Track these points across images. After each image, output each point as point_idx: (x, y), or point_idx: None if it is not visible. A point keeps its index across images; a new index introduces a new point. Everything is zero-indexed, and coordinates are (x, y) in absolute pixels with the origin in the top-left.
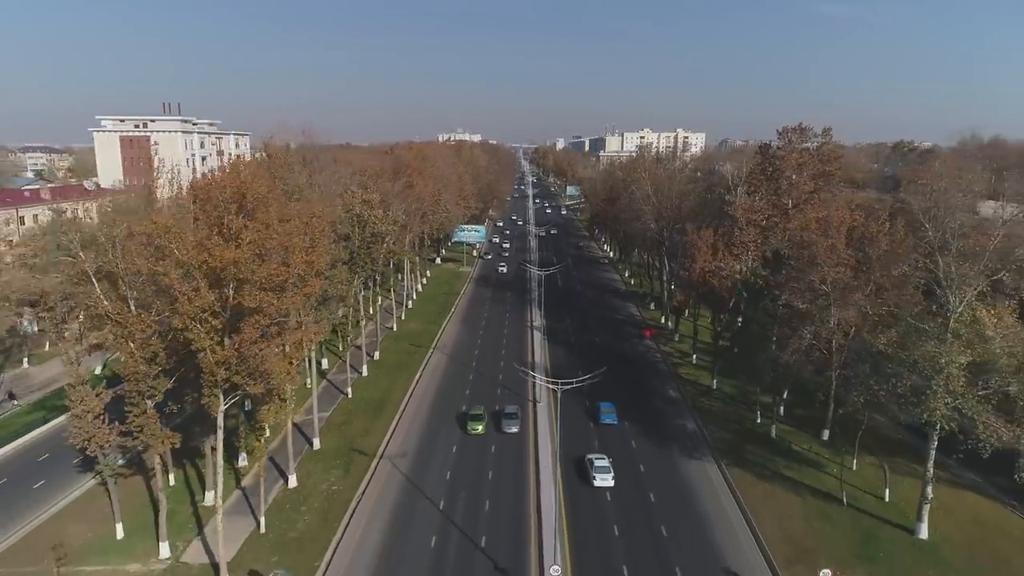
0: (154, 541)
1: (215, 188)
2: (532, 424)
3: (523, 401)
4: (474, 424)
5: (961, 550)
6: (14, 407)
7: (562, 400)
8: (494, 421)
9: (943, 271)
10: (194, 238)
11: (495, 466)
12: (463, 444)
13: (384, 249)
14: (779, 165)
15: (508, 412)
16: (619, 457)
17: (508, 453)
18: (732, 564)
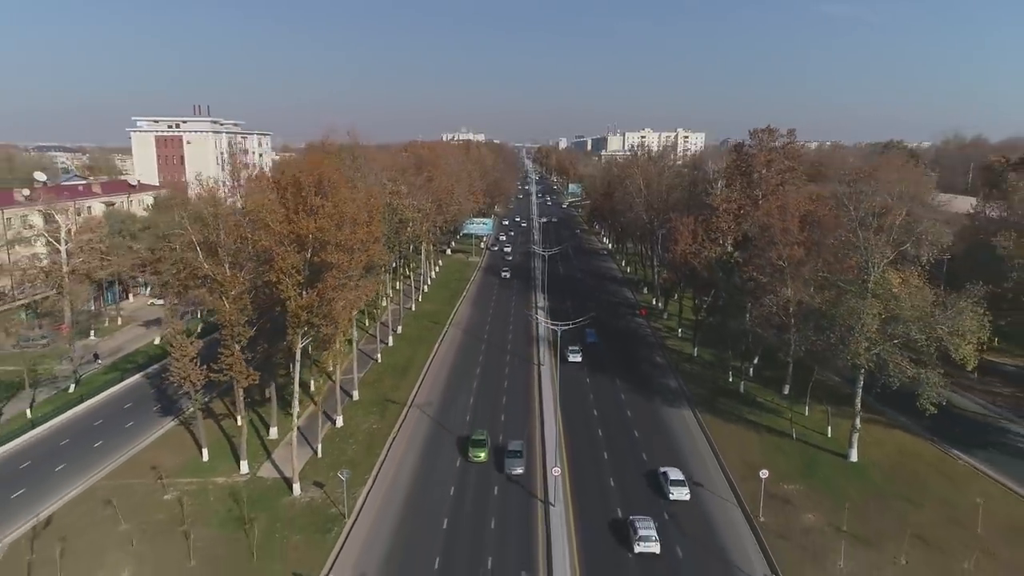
0: (233, 463)
1: (302, 176)
2: (537, 381)
3: (529, 365)
4: (476, 451)
5: (883, 470)
6: (98, 365)
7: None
8: (496, 458)
9: (863, 243)
10: (283, 213)
11: (507, 410)
12: (479, 395)
13: (410, 232)
14: (751, 161)
15: (512, 450)
16: (608, 406)
17: (517, 403)
18: (699, 479)
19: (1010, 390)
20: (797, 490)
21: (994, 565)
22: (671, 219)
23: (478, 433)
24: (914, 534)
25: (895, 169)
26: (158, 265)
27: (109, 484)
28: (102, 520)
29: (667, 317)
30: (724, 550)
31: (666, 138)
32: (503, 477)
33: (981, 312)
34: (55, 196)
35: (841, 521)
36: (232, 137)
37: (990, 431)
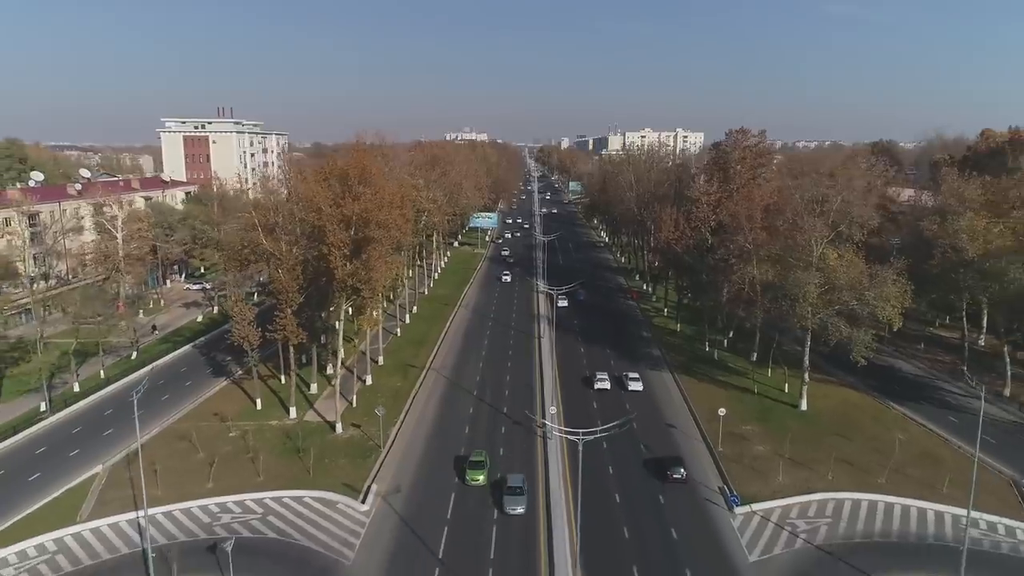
0: (283, 410)
1: (349, 168)
2: (537, 349)
3: (531, 337)
4: (474, 474)
5: (826, 416)
6: (156, 335)
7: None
8: (495, 495)
9: (806, 225)
10: (332, 198)
11: (512, 372)
12: (488, 360)
13: (425, 221)
14: (727, 158)
15: (512, 486)
16: (599, 369)
17: (520, 366)
18: (672, 422)
19: (950, 358)
20: (752, 430)
21: (901, 479)
22: (657, 209)
23: (476, 454)
24: (842, 459)
25: (857, 166)
26: (203, 251)
27: (181, 426)
28: (182, 451)
29: (655, 300)
30: (690, 465)
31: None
32: (509, 421)
33: (902, 282)
34: (103, 191)
35: (785, 451)
36: (254, 137)
37: (925, 389)
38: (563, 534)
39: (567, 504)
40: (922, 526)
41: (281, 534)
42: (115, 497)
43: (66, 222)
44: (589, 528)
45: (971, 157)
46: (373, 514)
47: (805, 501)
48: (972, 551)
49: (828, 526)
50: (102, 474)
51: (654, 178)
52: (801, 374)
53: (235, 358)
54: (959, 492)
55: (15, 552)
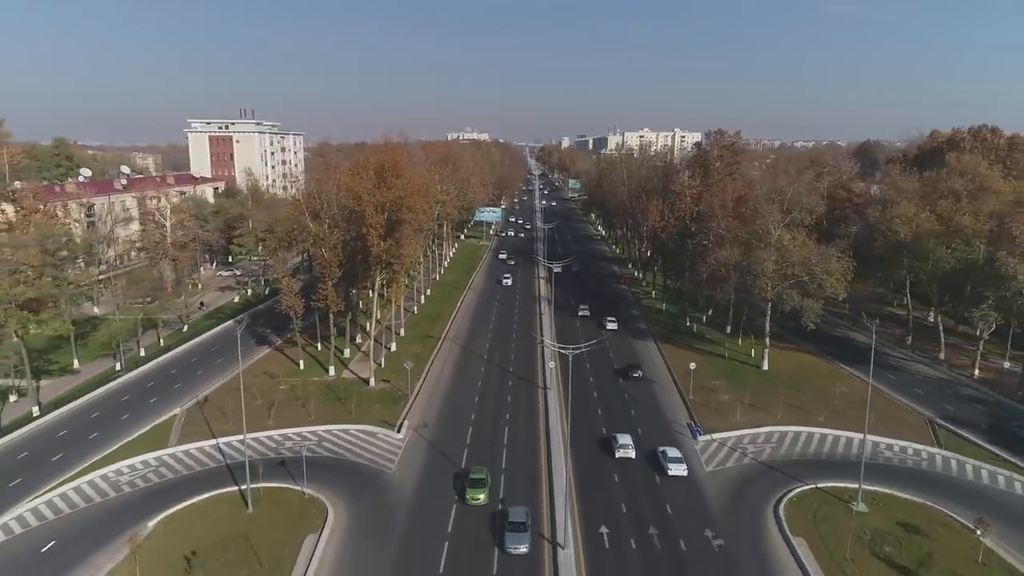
0: (322, 370)
1: (384, 162)
2: (539, 324)
3: (533, 315)
4: (474, 492)
5: (783, 374)
6: (203, 311)
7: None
8: (496, 533)
9: (766, 211)
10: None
11: (516, 342)
12: (495, 333)
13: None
14: (707, 156)
15: (514, 521)
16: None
17: (524, 338)
18: (652, 378)
19: (900, 331)
20: (719, 384)
21: (837, 418)
22: (645, 201)
23: (477, 471)
24: (792, 404)
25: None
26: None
27: (232, 385)
28: (247, 397)
29: (645, 285)
30: (664, 412)
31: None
32: (514, 376)
33: (845, 260)
34: (145, 186)
35: (745, 398)
36: (273, 137)
37: (867, 354)
38: (560, 464)
39: (563, 435)
40: (847, 449)
41: (335, 454)
42: (194, 431)
43: (117, 213)
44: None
45: (920, 155)
46: (406, 441)
47: (756, 432)
48: (878, 464)
49: (772, 448)
50: (180, 415)
51: (644, 174)
52: (763, 339)
53: (275, 330)
54: (881, 427)
55: (126, 465)
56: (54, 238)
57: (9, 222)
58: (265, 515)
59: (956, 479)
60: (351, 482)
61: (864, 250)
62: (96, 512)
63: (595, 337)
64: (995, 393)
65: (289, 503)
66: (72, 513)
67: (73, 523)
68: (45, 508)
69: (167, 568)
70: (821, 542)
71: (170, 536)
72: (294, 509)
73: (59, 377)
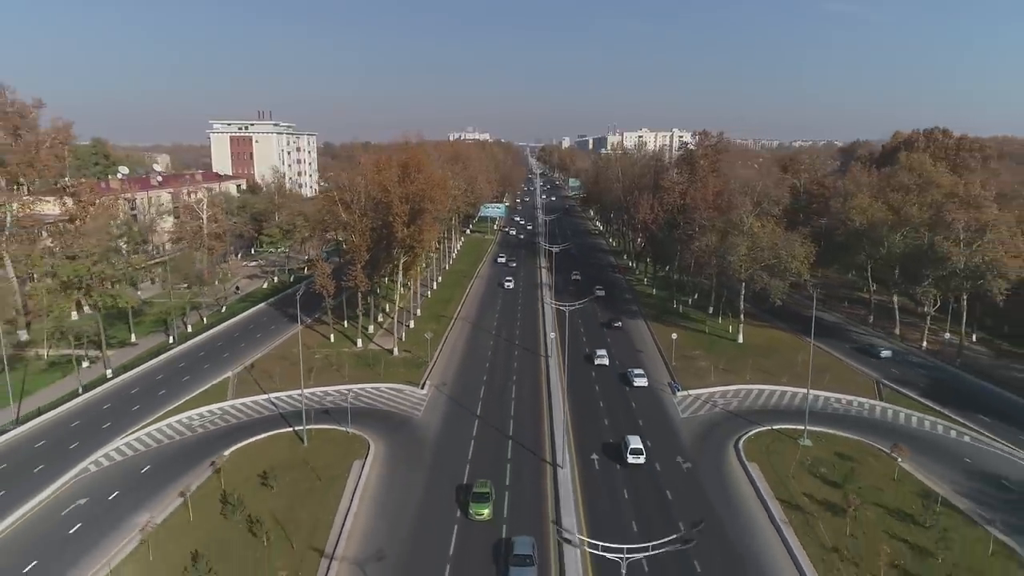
0: (351, 342)
1: (408, 160)
2: (540, 309)
3: (536, 301)
4: (478, 507)
5: (755, 345)
6: (237, 296)
7: (556, 298)
8: (503, 567)
9: (739, 203)
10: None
11: (521, 323)
12: (502, 314)
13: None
14: (693, 155)
15: (519, 554)
16: (590, 318)
17: (528, 317)
18: (640, 348)
19: (864, 312)
20: (698, 353)
21: (797, 379)
22: (636, 196)
23: (480, 485)
24: (759, 369)
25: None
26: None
27: (277, 352)
28: (283, 365)
29: (638, 273)
30: (650, 374)
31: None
32: (520, 347)
33: (808, 244)
34: (178, 183)
35: (719, 364)
36: (290, 137)
37: (837, 331)
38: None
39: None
40: (802, 402)
41: (369, 405)
42: (246, 389)
43: (157, 207)
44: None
45: (883, 153)
46: (429, 395)
47: (725, 389)
48: (827, 413)
49: (738, 401)
50: (233, 377)
51: (637, 172)
52: (739, 316)
53: (304, 310)
54: (836, 386)
55: (195, 413)
56: (118, 227)
57: (71, 214)
58: (318, 448)
59: (890, 423)
60: (386, 424)
61: (831, 238)
62: (178, 446)
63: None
64: (937, 360)
65: (337, 439)
66: (159, 447)
67: (162, 453)
68: (136, 443)
69: (244, 483)
70: (770, 466)
71: (243, 461)
72: (341, 443)
73: (119, 348)
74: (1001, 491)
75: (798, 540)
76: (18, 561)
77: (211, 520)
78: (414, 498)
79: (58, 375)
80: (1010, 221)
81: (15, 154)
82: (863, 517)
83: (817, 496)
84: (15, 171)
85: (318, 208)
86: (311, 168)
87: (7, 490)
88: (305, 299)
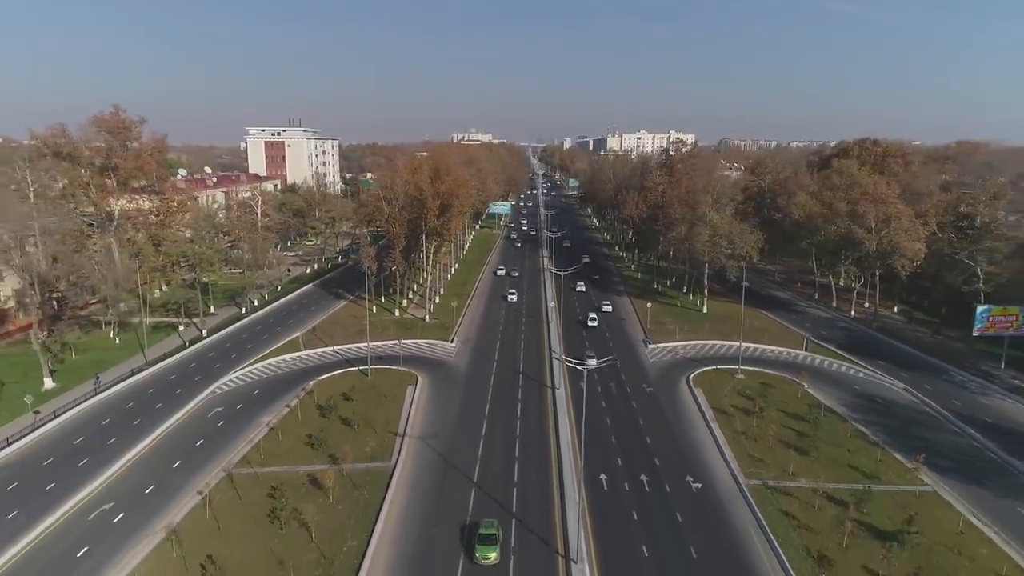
0: (389, 313)
1: (437, 164)
2: (543, 289)
3: (539, 283)
4: (484, 550)
5: (717, 316)
6: (288, 277)
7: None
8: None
9: (701, 199)
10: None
11: (527, 297)
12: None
13: None
14: (672, 160)
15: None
16: (585, 296)
17: (533, 297)
18: (622, 317)
19: (811, 290)
20: (669, 320)
21: (746, 338)
22: (624, 194)
23: (487, 526)
24: (715, 331)
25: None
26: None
27: (330, 319)
28: (337, 329)
29: (627, 261)
30: (628, 333)
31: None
32: (526, 316)
33: (757, 233)
34: (230, 183)
35: (685, 328)
36: (316, 142)
37: (786, 304)
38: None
39: (560, 344)
40: (746, 352)
41: (413, 354)
42: (314, 343)
43: (215, 204)
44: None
45: (826, 158)
46: (456, 347)
47: (686, 344)
48: (763, 359)
49: (695, 352)
50: (301, 336)
51: (626, 173)
52: (708, 295)
53: (346, 290)
54: (774, 342)
55: (280, 359)
56: (204, 218)
57: (159, 210)
58: (380, 379)
59: (808, 365)
60: (427, 365)
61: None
62: (274, 379)
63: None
64: (858, 324)
65: (393, 374)
66: (261, 379)
67: (264, 383)
68: (243, 377)
69: (329, 400)
70: (710, 390)
71: (325, 388)
72: (397, 376)
73: (202, 317)
74: (871, 404)
75: (720, 429)
76: (190, 442)
77: (314, 421)
78: (454, 407)
79: (162, 336)
80: (910, 214)
81: (126, 161)
82: (768, 416)
83: (739, 406)
84: (125, 175)
85: (363, 204)
86: (334, 169)
87: (162, 403)
88: (347, 279)
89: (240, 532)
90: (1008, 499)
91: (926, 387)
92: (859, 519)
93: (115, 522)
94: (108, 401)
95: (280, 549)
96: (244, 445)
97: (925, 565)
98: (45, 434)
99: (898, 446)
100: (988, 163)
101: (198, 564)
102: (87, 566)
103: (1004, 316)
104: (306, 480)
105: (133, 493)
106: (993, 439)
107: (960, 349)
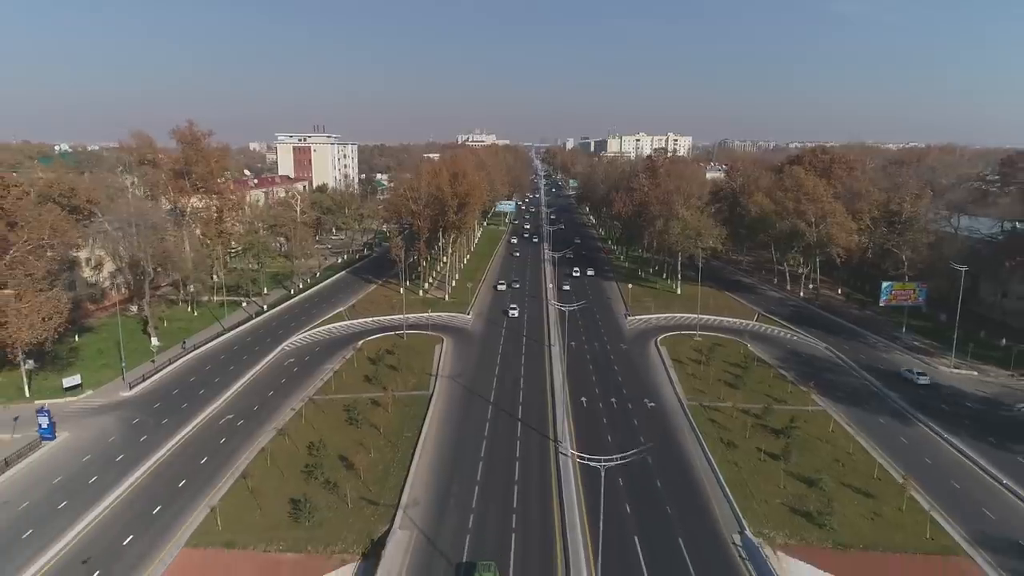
0: (412, 293)
1: (456, 169)
2: (543, 276)
3: (538, 270)
4: None
5: (689, 296)
6: (324, 265)
7: (557, 266)
8: None
9: (674, 199)
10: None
11: (530, 282)
12: (517, 276)
13: None
14: (655, 163)
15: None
16: (579, 282)
17: (535, 284)
18: (608, 298)
19: (772, 277)
20: (648, 299)
21: (708, 312)
22: (614, 194)
23: (484, 570)
24: (684, 307)
25: (738, 168)
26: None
27: (365, 299)
28: (374, 305)
29: (617, 252)
30: (612, 310)
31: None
32: (529, 297)
33: (720, 227)
34: (269, 183)
35: (661, 305)
36: (339, 147)
37: (750, 287)
38: (554, 331)
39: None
40: (706, 323)
41: (437, 323)
42: (356, 315)
43: (257, 203)
44: None
45: (784, 164)
46: (472, 319)
47: (659, 316)
48: (721, 327)
49: (665, 321)
50: (344, 311)
51: (617, 174)
52: (683, 280)
53: (375, 275)
54: (731, 315)
55: (331, 327)
56: (261, 215)
57: (218, 207)
58: (413, 341)
59: (755, 332)
60: (450, 330)
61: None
62: (330, 339)
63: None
64: (804, 303)
65: (423, 337)
66: (319, 340)
67: (322, 342)
68: (304, 339)
69: (376, 353)
70: (673, 347)
71: (371, 346)
72: (427, 338)
73: (262, 295)
74: (796, 357)
75: (676, 373)
76: (276, 380)
77: (367, 367)
78: (473, 358)
79: (230, 310)
80: (843, 211)
81: (198, 167)
82: (713, 365)
83: (693, 358)
84: (198, 179)
85: (392, 202)
86: (354, 172)
87: (247, 356)
88: (374, 267)
89: (329, 430)
90: (875, 415)
91: (845, 347)
92: (762, 423)
93: (238, 425)
94: (201, 356)
95: (360, 437)
96: (318, 382)
97: (795, 447)
98: (166, 375)
99: (806, 383)
100: (932, 167)
101: (305, 447)
102: (229, 447)
103: (904, 291)
104: (368, 402)
105: (246, 409)
106: (879, 379)
107: (880, 320)
